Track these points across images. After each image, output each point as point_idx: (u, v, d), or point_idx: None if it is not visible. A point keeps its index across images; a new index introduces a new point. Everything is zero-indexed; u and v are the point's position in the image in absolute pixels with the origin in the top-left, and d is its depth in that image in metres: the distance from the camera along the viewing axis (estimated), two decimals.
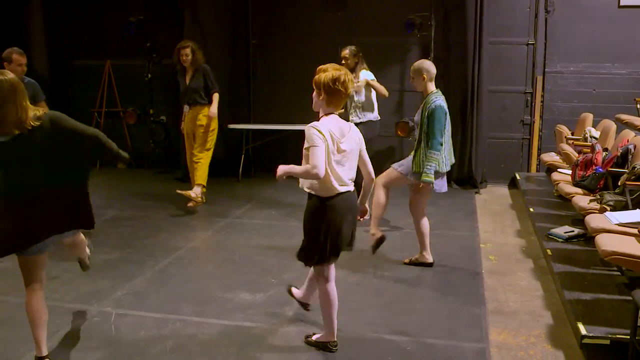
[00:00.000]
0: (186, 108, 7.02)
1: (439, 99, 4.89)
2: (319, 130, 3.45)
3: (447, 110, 4.93)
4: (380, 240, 5.01)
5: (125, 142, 9.69)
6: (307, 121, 3.89)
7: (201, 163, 7.01)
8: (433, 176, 4.86)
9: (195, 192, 6.88)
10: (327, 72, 3.50)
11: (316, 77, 3.54)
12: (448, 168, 5.06)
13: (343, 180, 3.54)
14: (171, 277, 4.98)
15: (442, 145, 4.85)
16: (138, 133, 9.59)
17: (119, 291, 4.63)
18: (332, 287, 3.69)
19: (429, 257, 5.18)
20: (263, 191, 8.13)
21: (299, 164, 3.55)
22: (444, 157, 4.96)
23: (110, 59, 9.59)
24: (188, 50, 6.83)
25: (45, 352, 3.37)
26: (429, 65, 5.03)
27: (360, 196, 3.78)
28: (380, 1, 8.58)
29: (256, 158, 9.31)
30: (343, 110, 3.73)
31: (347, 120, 6.16)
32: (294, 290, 4.21)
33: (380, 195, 5.20)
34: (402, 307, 4.37)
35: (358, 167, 3.68)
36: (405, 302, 4.48)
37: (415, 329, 4.01)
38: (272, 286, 4.75)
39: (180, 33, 8.73)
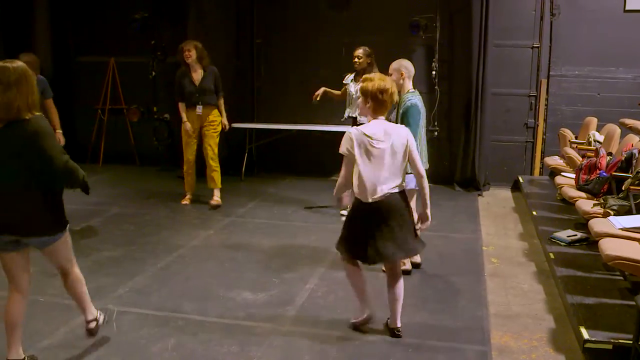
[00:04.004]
0: (199, 108, 6.93)
1: (414, 98, 4.79)
2: None
3: (422, 110, 4.84)
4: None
5: (128, 140, 9.70)
6: (311, 120, 3.92)
7: (218, 168, 7.17)
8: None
9: (218, 196, 7.19)
10: (374, 81, 3.72)
11: (363, 85, 3.75)
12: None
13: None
14: (173, 275, 4.98)
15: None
16: (141, 131, 9.58)
17: (120, 288, 4.63)
18: None
19: (407, 264, 5.03)
20: (266, 190, 8.12)
21: (304, 164, 3.62)
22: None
23: (114, 56, 9.58)
24: (190, 46, 6.82)
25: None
26: (408, 64, 4.94)
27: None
28: (385, 2, 8.57)
29: (259, 157, 9.30)
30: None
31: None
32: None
33: None
34: (403, 309, 4.34)
35: None
36: (407, 304, 4.46)
37: (417, 331, 4.00)
38: (274, 285, 4.75)
39: (184, 31, 8.74)
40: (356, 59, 6.38)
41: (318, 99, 6.63)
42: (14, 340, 3.30)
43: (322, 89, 6.64)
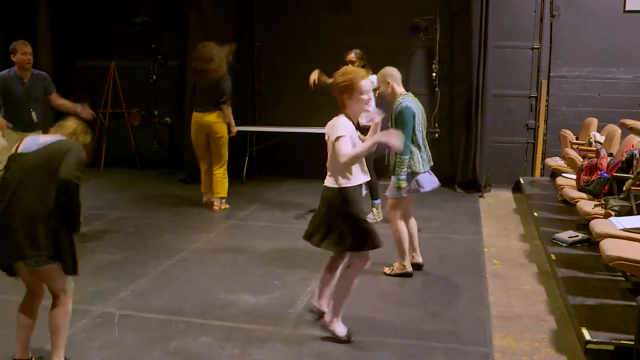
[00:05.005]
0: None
1: (406, 100, 4.79)
2: None
3: (416, 110, 4.80)
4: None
5: (129, 143, 9.71)
6: (311, 123, 3.94)
7: None
8: (405, 181, 4.74)
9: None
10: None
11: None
12: (426, 169, 4.88)
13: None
14: (174, 278, 4.99)
15: (411, 147, 4.75)
16: (142, 134, 9.59)
17: (122, 292, 4.64)
18: None
19: (408, 267, 5.03)
20: (267, 193, 8.13)
21: (305, 167, 3.63)
22: (420, 156, 4.82)
23: (115, 59, 9.59)
24: None
25: None
26: (391, 70, 4.91)
27: None
28: (385, 4, 8.58)
29: (260, 160, 9.31)
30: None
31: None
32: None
33: (397, 229, 4.94)
34: (405, 311, 4.36)
35: None
36: (408, 306, 4.47)
37: (419, 332, 4.00)
38: (275, 288, 4.75)
39: (185, 35, 8.76)
40: (350, 63, 6.35)
41: (315, 82, 6.28)
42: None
43: (316, 71, 6.11)
